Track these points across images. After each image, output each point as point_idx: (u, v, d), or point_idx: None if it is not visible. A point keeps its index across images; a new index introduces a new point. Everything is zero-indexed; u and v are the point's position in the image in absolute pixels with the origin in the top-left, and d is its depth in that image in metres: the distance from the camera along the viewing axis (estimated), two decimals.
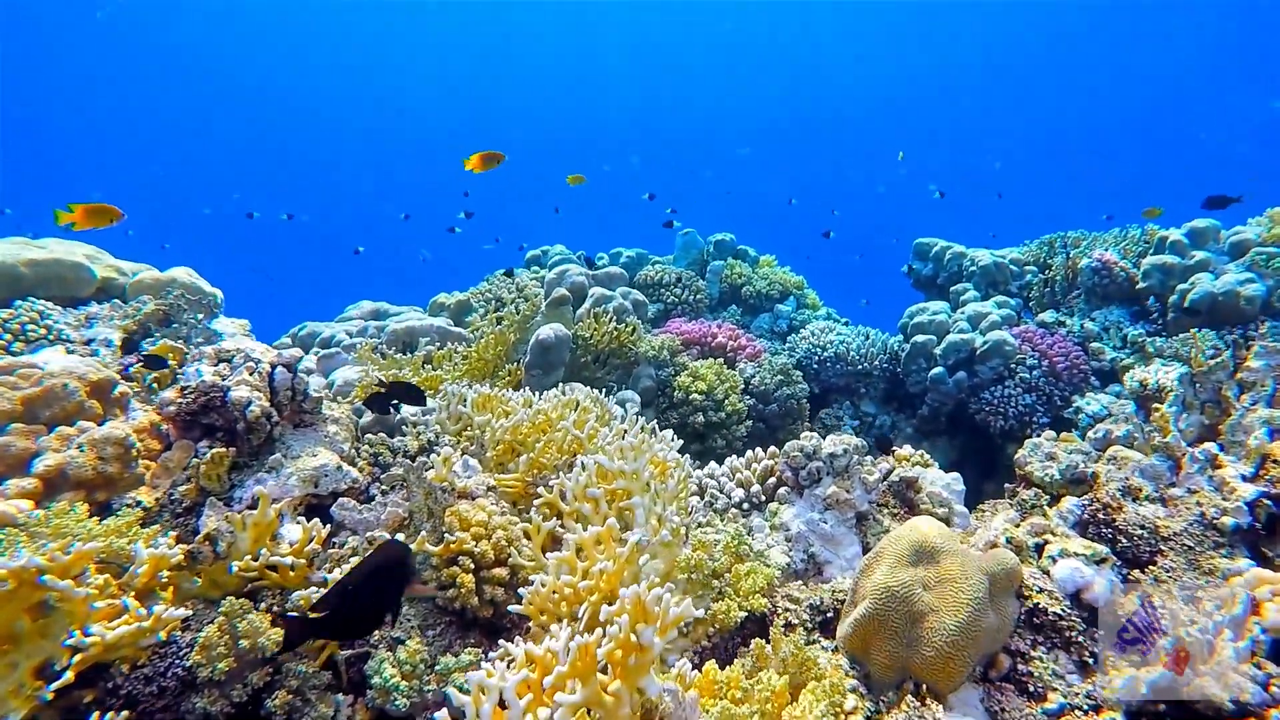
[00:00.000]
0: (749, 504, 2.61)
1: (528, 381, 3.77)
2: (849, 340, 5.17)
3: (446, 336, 4.16)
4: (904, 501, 2.61)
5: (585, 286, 4.44)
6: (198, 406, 2.08)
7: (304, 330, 4.34)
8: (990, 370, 4.69)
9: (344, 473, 2.17)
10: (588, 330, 4.04)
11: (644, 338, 4.25)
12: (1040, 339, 4.74)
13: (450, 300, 4.84)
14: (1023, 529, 2.08)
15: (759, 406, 4.22)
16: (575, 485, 2.05)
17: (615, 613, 1.28)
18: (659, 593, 1.31)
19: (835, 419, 5.13)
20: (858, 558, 2.40)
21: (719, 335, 4.53)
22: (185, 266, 4.05)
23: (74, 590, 1.46)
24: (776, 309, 6.10)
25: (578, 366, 4.09)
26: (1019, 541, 2.01)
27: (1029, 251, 5.75)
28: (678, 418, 4.07)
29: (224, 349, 2.21)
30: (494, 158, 4.11)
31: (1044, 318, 4.99)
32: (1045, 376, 4.60)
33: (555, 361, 3.74)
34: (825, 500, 2.44)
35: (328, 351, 3.92)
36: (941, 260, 5.93)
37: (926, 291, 6.14)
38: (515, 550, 2.05)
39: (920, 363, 4.93)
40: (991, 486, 4.84)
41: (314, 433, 2.26)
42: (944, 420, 4.97)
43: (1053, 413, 4.56)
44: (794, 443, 2.56)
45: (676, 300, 5.81)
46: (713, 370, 4.15)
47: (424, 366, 3.91)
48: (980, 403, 4.69)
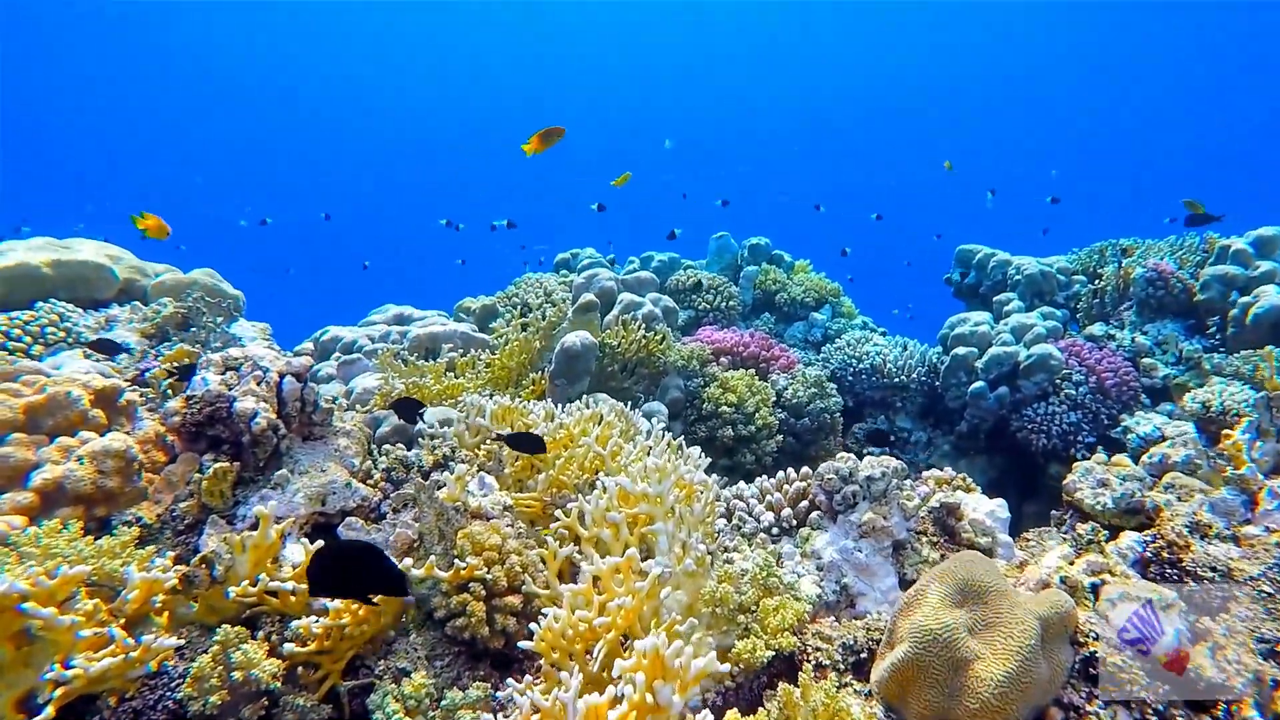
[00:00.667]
0: (779, 529, 2.46)
1: (552, 391, 3.66)
2: (886, 352, 4.99)
3: (470, 343, 4.06)
4: (944, 529, 2.45)
5: (614, 292, 4.33)
6: (203, 417, 2.00)
7: (326, 335, 4.28)
8: (1034, 386, 4.49)
9: (353, 490, 2.07)
10: (615, 338, 3.92)
11: (673, 346, 4.12)
12: (1088, 353, 4.52)
13: (476, 305, 4.76)
14: (1078, 567, 1.92)
15: (790, 421, 4.07)
16: (595, 509, 1.93)
17: (631, 668, 1.15)
18: (679, 645, 1.18)
19: None
20: (894, 590, 2.25)
21: (751, 345, 4.39)
22: (207, 268, 4.01)
23: (57, 619, 1.37)
24: (811, 317, 5.94)
25: (604, 376, 3.98)
26: (1074, 581, 1.84)
27: (1077, 260, 5.52)
28: (706, 431, 3.93)
29: (232, 356, 2.12)
30: (554, 134, 3.89)
31: (1092, 331, 4.77)
32: (1093, 393, 4.39)
33: (581, 371, 3.62)
34: (861, 527, 2.29)
35: (349, 357, 3.85)
36: (984, 268, 5.71)
37: (968, 301, 5.93)
38: (530, 577, 1.93)
39: (960, 376, 4.74)
40: (1033, 508, 4.64)
41: (324, 446, 2.17)
42: (983, 437, 4.77)
43: (1099, 432, 4.35)
44: (828, 464, 2.42)
45: (708, 307, 5.67)
46: (744, 382, 4.01)
47: (446, 374, 3.82)
48: (1022, 420, 4.49)
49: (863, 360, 4.98)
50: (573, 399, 3.72)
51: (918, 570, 2.29)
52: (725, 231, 6.24)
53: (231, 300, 3.88)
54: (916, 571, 2.29)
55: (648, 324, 4.15)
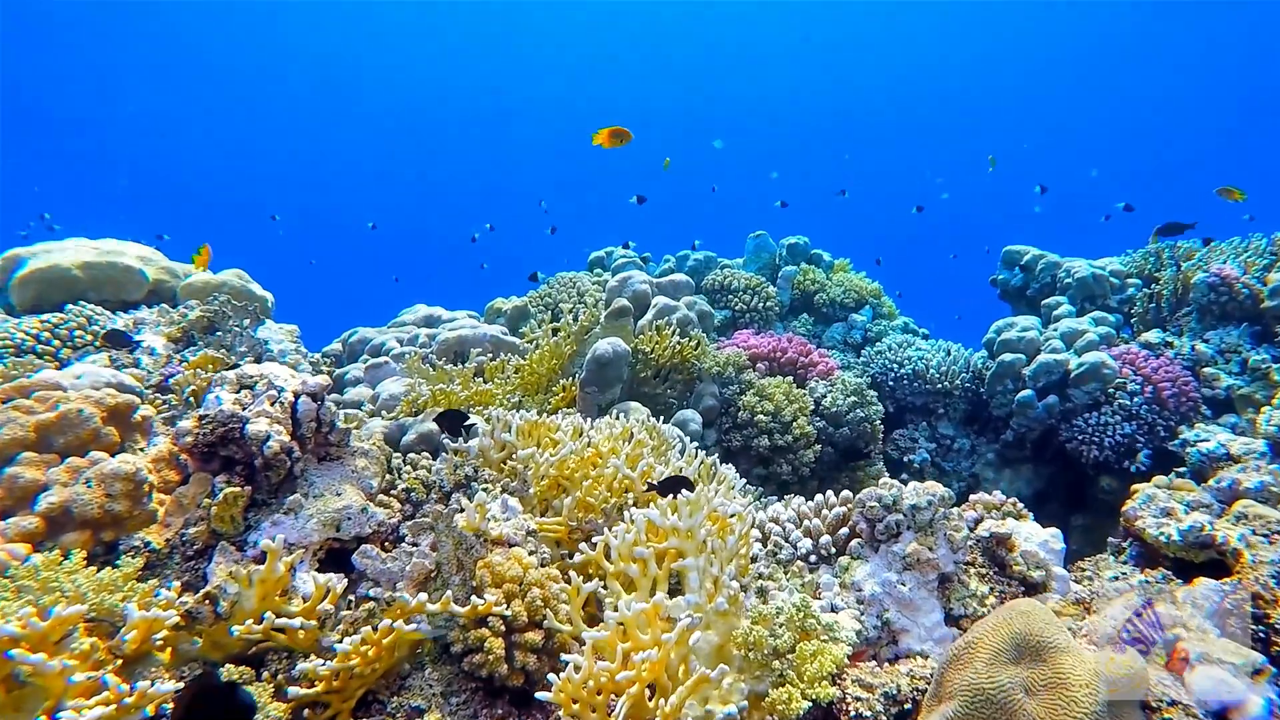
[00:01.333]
0: (817, 556, 2.33)
1: (582, 399, 3.56)
2: (928, 356, 4.81)
3: (501, 346, 3.98)
4: (994, 561, 2.30)
5: (648, 295, 4.21)
6: (215, 438, 1.92)
7: (355, 336, 4.23)
8: (1085, 395, 4.28)
9: (369, 515, 1.99)
10: (649, 344, 3.80)
11: (709, 353, 3.99)
12: (1144, 361, 4.30)
13: (507, 305, 4.67)
14: (1148, 620, 1.76)
15: (829, 430, 3.92)
16: (621, 544, 1.82)
17: None
18: None
19: (910, 441, 4.78)
20: (939, 626, 2.11)
21: (789, 350, 4.24)
22: (236, 269, 3.97)
23: (45, 664, 1.30)
24: (851, 319, 5.76)
25: (637, 382, 3.87)
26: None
27: (1132, 263, 5.27)
28: (741, 440, 3.81)
29: (246, 374, 2.05)
30: (622, 135, 3.98)
31: (1148, 338, 4.54)
32: (1148, 404, 4.17)
33: (612, 379, 3.52)
34: (904, 559, 2.15)
35: (376, 361, 3.79)
36: (1033, 270, 5.48)
37: (1014, 304, 5.71)
38: (552, 611, 1.83)
39: (1006, 384, 4.54)
40: (1081, 520, 4.45)
41: (340, 467, 2.09)
42: (1029, 447, 4.57)
43: (1155, 444, 4.13)
44: (871, 491, 2.28)
45: (745, 308, 5.52)
46: (781, 390, 3.86)
47: (475, 379, 3.74)
48: (1072, 430, 4.29)
49: (904, 366, 4.80)
50: (604, 407, 3.62)
51: (964, 605, 2.15)
52: (763, 230, 6.07)
53: (260, 303, 3.84)
54: (963, 606, 2.15)
55: (682, 329, 4.02)
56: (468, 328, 4.04)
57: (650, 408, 3.96)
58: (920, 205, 8.49)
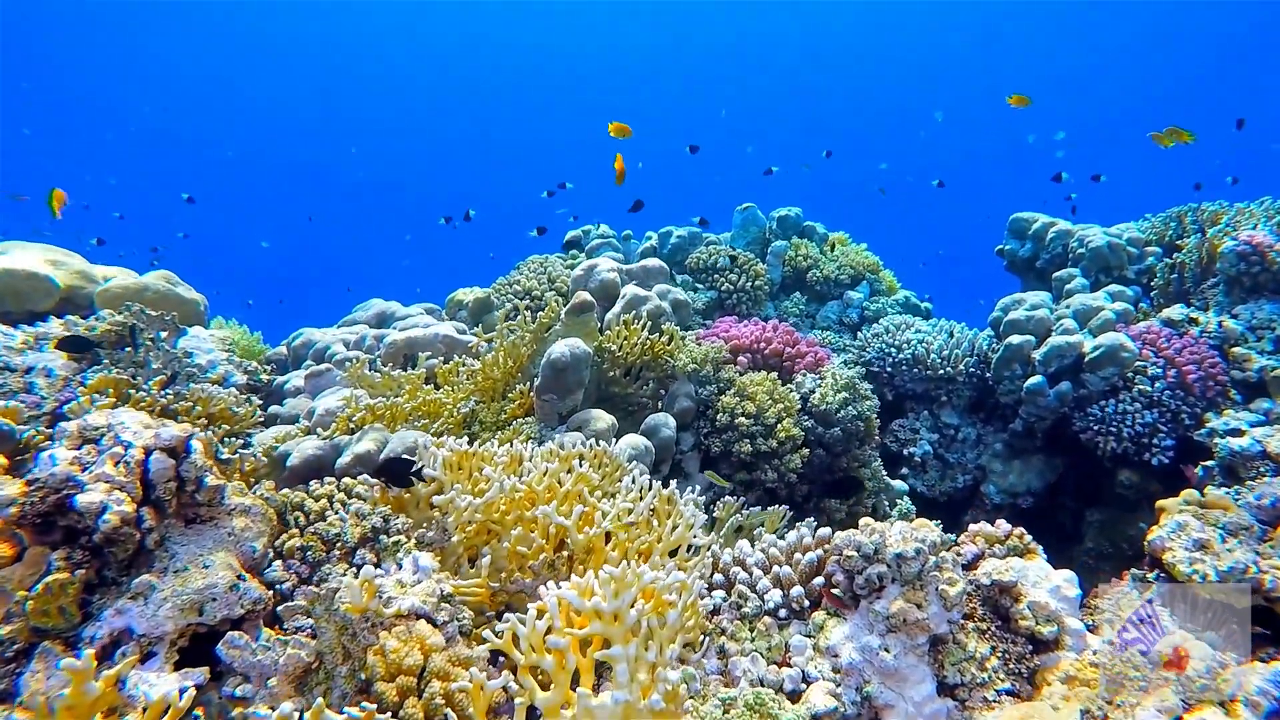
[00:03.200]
0: (788, 611, 1.99)
1: (540, 407, 3.21)
2: (929, 339, 4.42)
3: (454, 347, 3.62)
4: (997, 612, 1.95)
5: (617, 285, 3.83)
6: (48, 507, 1.59)
7: (299, 339, 3.88)
8: (1101, 381, 3.90)
9: (242, 591, 1.65)
10: (615, 341, 3.44)
11: (683, 348, 3.63)
12: (1166, 342, 3.90)
13: (469, 297, 4.29)
14: None
15: (818, 429, 3.56)
16: (529, 633, 1.48)
17: None
18: None
19: (910, 432, 4.42)
20: (930, 700, 1.77)
21: (774, 340, 3.86)
22: (164, 271, 3.61)
23: None
24: (847, 296, 5.37)
25: (605, 382, 3.51)
26: None
27: (1152, 228, 4.84)
28: (721, 445, 3.46)
29: (90, 425, 1.71)
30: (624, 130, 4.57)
31: (1170, 314, 4.13)
32: (1172, 389, 3.79)
33: (571, 384, 3.16)
34: (889, 620, 1.81)
35: (317, 369, 3.45)
36: (1042, 239, 5.06)
37: (1023, 276, 5.30)
38: (456, 713, 1.50)
39: (1014, 369, 4.16)
40: (1097, 516, 4.09)
41: (213, 531, 1.75)
42: (1040, 436, 4.21)
43: (1179, 433, 3.76)
44: (848, 536, 1.92)
45: (731, 287, 5.14)
46: (763, 388, 3.50)
47: (425, 386, 3.39)
48: (1087, 419, 3.91)
49: (902, 350, 4.42)
50: (564, 415, 3.27)
51: (961, 672, 1.81)
52: (751, 203, 5.65)
53: (190, 306, 3.49)
54: (960, 674, 1.81)
55: (654, 322, 3.66)
56: (419, 326, 3.68)
57: (622, 409, 3.62)
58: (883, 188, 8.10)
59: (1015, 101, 5.49)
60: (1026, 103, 5.45)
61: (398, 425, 3.17)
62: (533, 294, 4.63)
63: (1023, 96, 5.46)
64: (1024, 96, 5.45)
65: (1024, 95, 5.46)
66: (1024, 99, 5.46)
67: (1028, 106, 5.42)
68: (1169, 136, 4.52)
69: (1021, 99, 5.47)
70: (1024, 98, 5.46)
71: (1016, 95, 5.45)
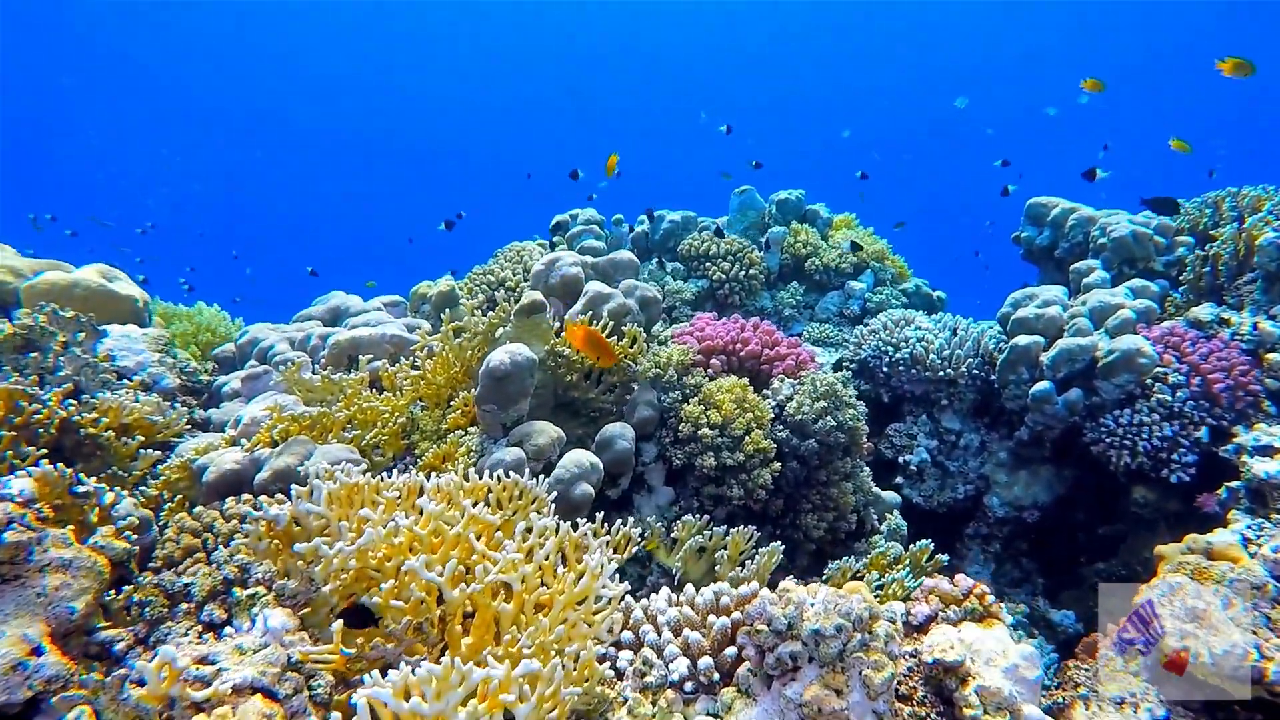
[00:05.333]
0: (695, 684, 1.72)
1: (482, 419, 2.96)
2: (930, 338, 4.06)
3: (404, 348, 3.38)
4: (939, 694, 1.66)
5: (580, 280, 3.55)
6: None
7: (245, 336, 3.67)
8: (1115, 388, 3.52)
9: (30, 670, 1.43)
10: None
11: (647, 350, 3.34)
12: (1191, 346, 3.51)
13: (432, 290, 4.04)
14: None
15: (793, 441, 3.26)
16: None
17: None
18: None
19: (907, 438, 4.08)
20: None
21: (751, 341, 3.55)
22: (100, 264, 3.42)
23: None
24: (848, 286, 5.02)
25: (562, 387, 3.25)
26: None
27: (1184, 215, 4.39)
28: (683, 457, 3.18)
29: None
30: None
31: (1198, 314, 3.72)
32: (1195, 399, 3.40)
33: (514, 393, 2.90)
34: (802, 708, 1.53)
35: (254, 370, 3.23)
36: (1061, 226, 4.64)
37: (1041, 266, 4.88)
38: None
39: (1020, 372, 3.79)
40: (1110, 534, 3.74)
41: (17, 593, 1.53)
42: (1049, 446, 3.84)
43: (1203, 448, 3.38)
44: (760, 606, 1.64)
45: (724, 276, 4.82)
46: (732, 396, 3.20)
47: (368, 391, 3.16)
48: (1099, 430, 3.55)
49: (900, 348, 4.07)
50: (509, 425, 3.02)
51: None
52: (749, 185, 5.30)
53: (125, 303, 3.30)
54: None
55: (617, 321, 3.37)
56: (367, 325, 3.44)
57: (584, 416, 3.35)
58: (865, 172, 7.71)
59: (1090, 86, 5.29)
60: (1100, 88, 5.15)
61: (329, 436, 2.95)
62: (506, 285, 4.37)
63: (1097, 81, 5.20)
64: (1098, 81, 5.17)
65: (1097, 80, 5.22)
66: (1098, 84, 5.23)
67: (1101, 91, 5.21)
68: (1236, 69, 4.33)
69: (1096, 84, 5.23)
70: (1098, 82, 5.22)
71: (1092, 80, 5.17)
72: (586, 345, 2.90)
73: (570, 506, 2.78)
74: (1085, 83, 5.28)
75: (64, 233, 8.41)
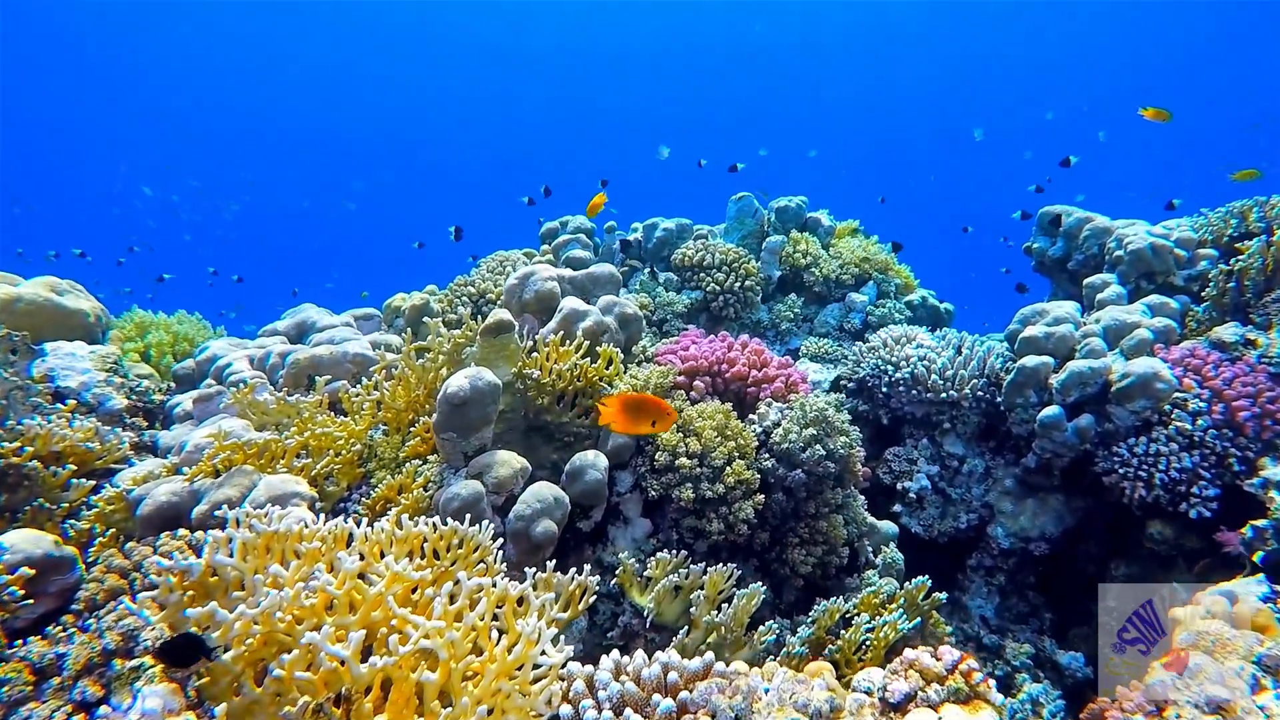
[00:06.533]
0: None
1: (441, 447, 2.76)
2: (932, 356, 3.82)
3: (366, 369, 3.19)
4: None
5: (556, 295, 3.34)
6: None
7: (205, 353, 3.48)
8: (1130, 415, 3.27)
9: None
10: (538, 366, 2.95)
11: (630, 371, 3.13)
12: (1214, 369, 3.25)
13: (406, 303, 3.84)
14: None
15: (779, 471, 3.03)
16: None
17: None
18: None
19: (906, 463, 3.84)
20: None
21: (738, 363, 3.32)
22: (48, 276, 3.25)
23: None
24: (850, 299, 4.77)
25: (534, 411, 3.04)
26: None
27: (1208, 226, 4.11)
28: (660, 488, 2.96)
29: None
30: None
31: (1222, 334, 3.45)
32: (1217, 428, 3.15)
33: (475, 421, 2.69)
34: None
35: (206, 392, 3.05)
36: (1075, 237, 4.38)
37: (1054, 278, 4.62)
38: None
39: (1028, 395, 3.54)
40: (1123, 570, 3.49)
41: None
42: (1058, 475, 3.59)
43: (1226, 480, 3.12)
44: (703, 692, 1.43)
45: (718, 288, 4.59)
46: (713, 423, 2.98)
47: (327, 414, 2.97)
48: (1112, 460, 3.29)
49: (900, 367, 3.83)
50: (470, 454, 2.81)
51: None
52: (747, 192, 5.06)
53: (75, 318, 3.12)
54: None
55: (592, 341, 3.16)
56: (329, 343, 3.25)
57: (557, 440, 3.14)
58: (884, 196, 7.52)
59: (1152, 115, 5.05)
60: (1167, 117, 4.91)
61: (278, 465, 2.76)
62: (487, 297, 4.17)
63: (1161, 110, 4.98)
64: (1163, 110, 4.95)
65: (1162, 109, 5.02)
66: (1163, 113, 5.01)
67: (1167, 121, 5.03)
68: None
69: (1160, 113, 5.01)
70: (1163, 111, 5.01)
71: (1154, 109, 4.93)
72: (628, 415, 2.45)
73: (532, 545, 2.58)
74: (1146, 111, 5.04)
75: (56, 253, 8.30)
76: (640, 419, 2.38)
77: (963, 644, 3.60)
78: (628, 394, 2.47)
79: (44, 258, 7.78)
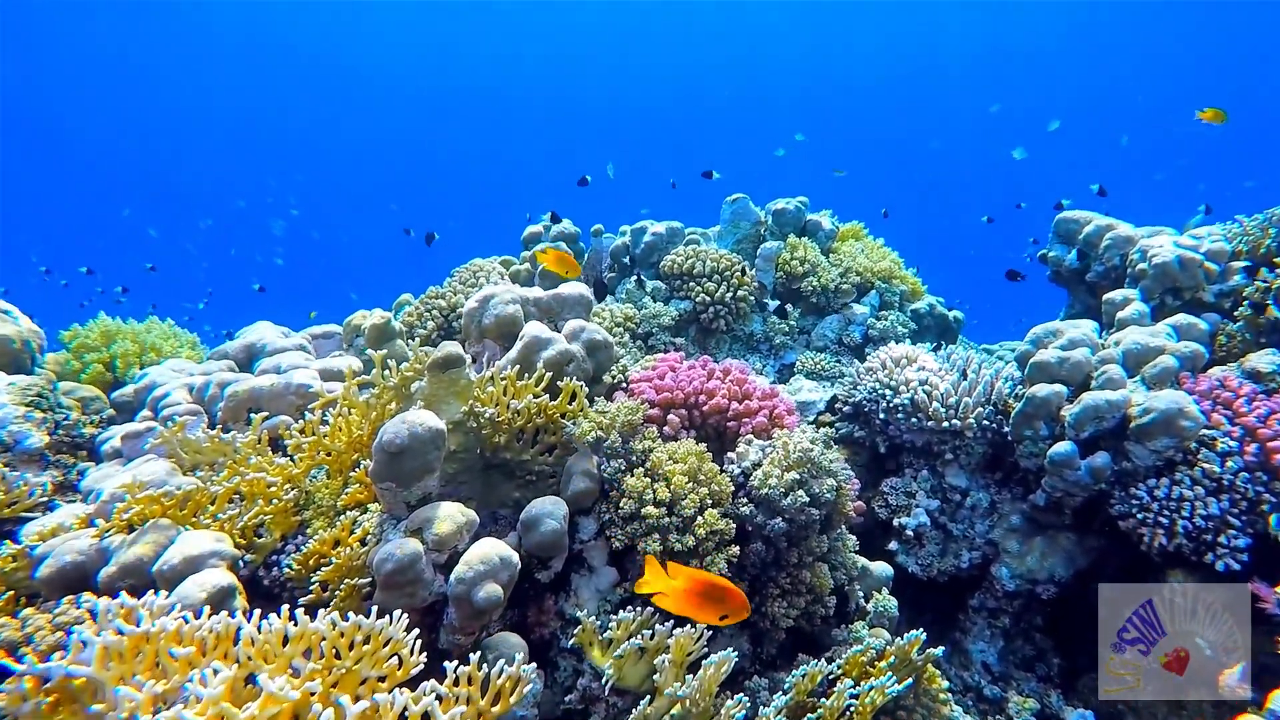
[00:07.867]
0: None
1: (381, 497, 2.51)
2: (934, 381, 3.51)
3: (310, 403, 2.93)
4: None
5: (518, 320, 3.06)
6: None
7: (144, 379, 3.24)
8: (1151, 454, 2.96)
9: None
10: (491, 404, 2.68)
11: (596, 406, 2.86)
12: (1247, 404, 2.93)
13: (366, 321, 3.57)
14: None
15: (759, 518, 2.75)
16: None
17: None
18: None
19: (904, 496, 3.55)
20: None
21: (718, 393, 3.03)
22: None
23: None
24: (850, 310, 4.46)
25: (490, 449, 2.77)
26: None
27: (1243, 236, 3.75)
28: (625, 538, 2.69)
29: None
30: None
31: (1257, 364, 3.12)
32: (1250, 471, 2.83)
33: (414, 471, 2.43)
34: None
35: (135, 428, 2.81)
36: (1094, 246, 4.03)
37: (1071, 290, 4.28)
38: None
39: (1039, 427, 3.23)
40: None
41: None
42: (1069, 514, 3.29)
43: (1258, 528, 2.81)
44: None
45: (709, 299, 4.29)
46: (682, 466, 2.70)
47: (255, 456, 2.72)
48: (1130, 503, 2.99)
49: (900, 392, 3.52)
50: (414, 505, 2.56)
51: None
52: (743, 194, 4.74)
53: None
54: None
55: (556, 372, 2.89)
56: (279, 369, 2.99)
57: (519, 477, 2.88)
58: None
59: (1209, 117, 4.82)
60: (1223, 118, 4.59)
61: (202, 516, 2.52)
62: (458, 311, 3.90)
63: (1218, 111, 4.70)
64: (1220, 112, 4.65)
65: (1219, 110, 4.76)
66: (1219, 114, 4.76)
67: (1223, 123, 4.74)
68: None
69: (1217, 114, 4.77)
70: (1219, 112, 4.75)
71: (1212, 110, 4.64)
72: (694, 600, 2.17)
73: (474, 611, 2.32)
74: (1203, 113, 4.75)
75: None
76: (706, 607, 2.07)
77: (962, 694, 3.33)
78: (699, 575, 2.10)
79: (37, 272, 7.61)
